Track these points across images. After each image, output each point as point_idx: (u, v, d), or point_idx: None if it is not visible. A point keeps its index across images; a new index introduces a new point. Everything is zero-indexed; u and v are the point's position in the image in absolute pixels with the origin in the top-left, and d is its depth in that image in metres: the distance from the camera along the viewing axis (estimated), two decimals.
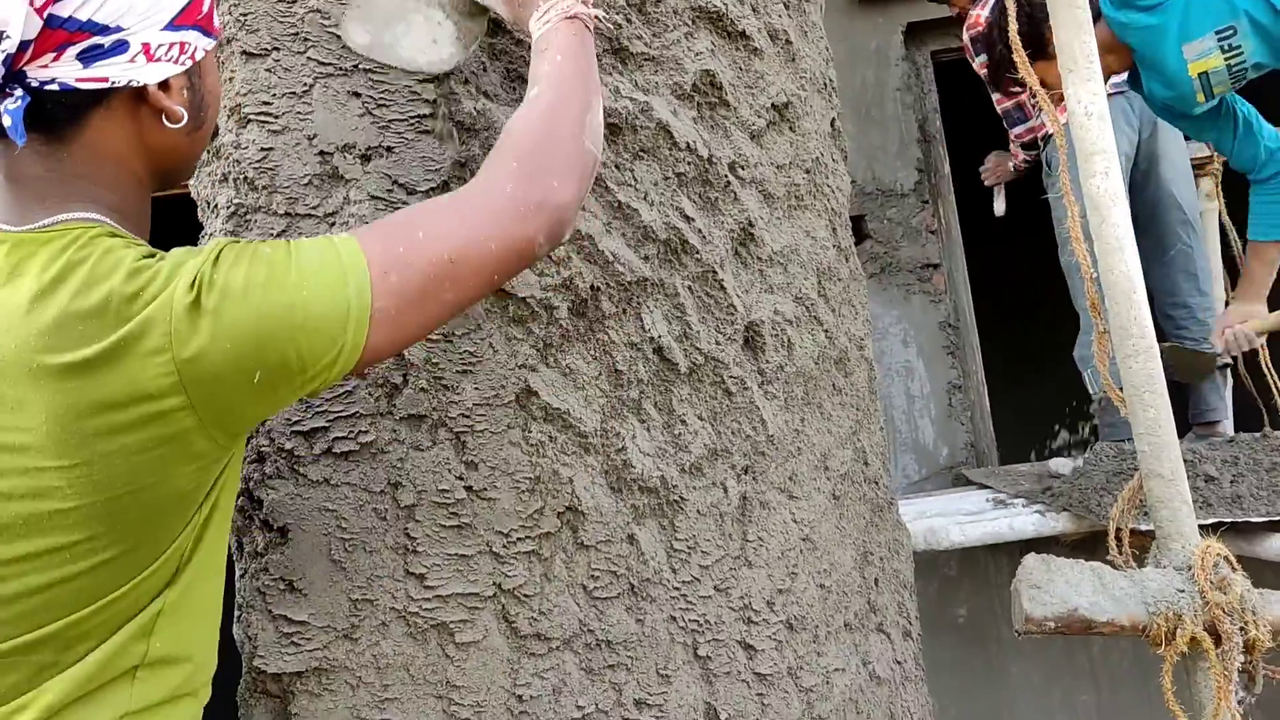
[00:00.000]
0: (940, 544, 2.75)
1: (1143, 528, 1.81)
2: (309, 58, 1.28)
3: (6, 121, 0.89)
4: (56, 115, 0.95)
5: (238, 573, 1.29)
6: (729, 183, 1.51)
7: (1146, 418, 1.50)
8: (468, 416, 1.28)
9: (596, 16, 1.26)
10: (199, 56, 1.02)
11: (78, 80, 0.93)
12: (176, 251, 0.94)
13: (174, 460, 0.90)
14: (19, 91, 0.91)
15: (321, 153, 1.27)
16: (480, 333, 1.29)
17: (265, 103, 1.28)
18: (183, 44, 0.99)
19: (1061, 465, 3.24)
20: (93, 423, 0.86)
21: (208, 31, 1.03)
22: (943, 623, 3.44)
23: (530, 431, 1.30)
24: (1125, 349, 1.49)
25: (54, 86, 0.93)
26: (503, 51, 1.35)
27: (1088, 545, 2.85)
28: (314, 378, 0.93)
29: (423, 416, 1.26)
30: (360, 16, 1.21)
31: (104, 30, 0.93)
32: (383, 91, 1.28)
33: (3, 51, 0.89)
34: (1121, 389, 1.51)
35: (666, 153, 1.45)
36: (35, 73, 0.92)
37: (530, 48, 1.20)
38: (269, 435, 1.25)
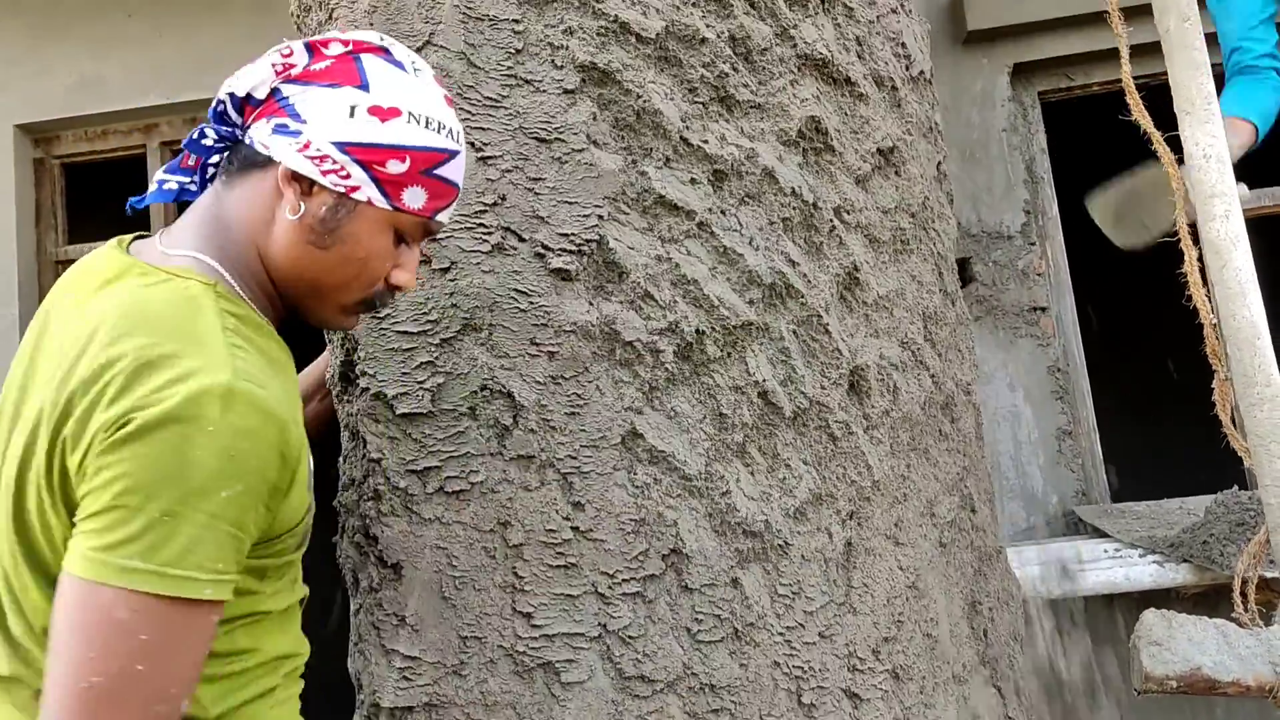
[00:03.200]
0: (1051, 593, 2.66)
1: (1269, 574, 1.73)
2: None
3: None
4: (232, 162, 1.11)
5: (352, 608, 1.33)
6: (834, 227, 1.51)
7: (1274, 468, 1.44)
8: (575, 458, 1.30)
9: None
10: (359, 198, 1.07)
11: (260, 142, 1.07)
12: (190, 368, 0.95)
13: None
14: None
15: None
16: (587, 375, 1.32)
17: None
18: (342, 168, 1.06)
19: None
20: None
21: (389, 194, 1.08)
22: (1054, 676, 3.33)
23: (635, 473, 1.31)
24: (1250, 397, 1.44)
25: (247, 140, 1.09)
26: (611, 101, 1.38)
27: (1209, 599, 2.73)
28: None
29: (531, 457, 1.29)
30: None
31: (295, 116, 1.06)
32: None
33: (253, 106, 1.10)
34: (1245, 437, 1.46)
35: (772, 198, 1.47)
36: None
37: None
38: (385, 474, 1.29)
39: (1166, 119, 1.66)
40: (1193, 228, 1.53)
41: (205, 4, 3.78)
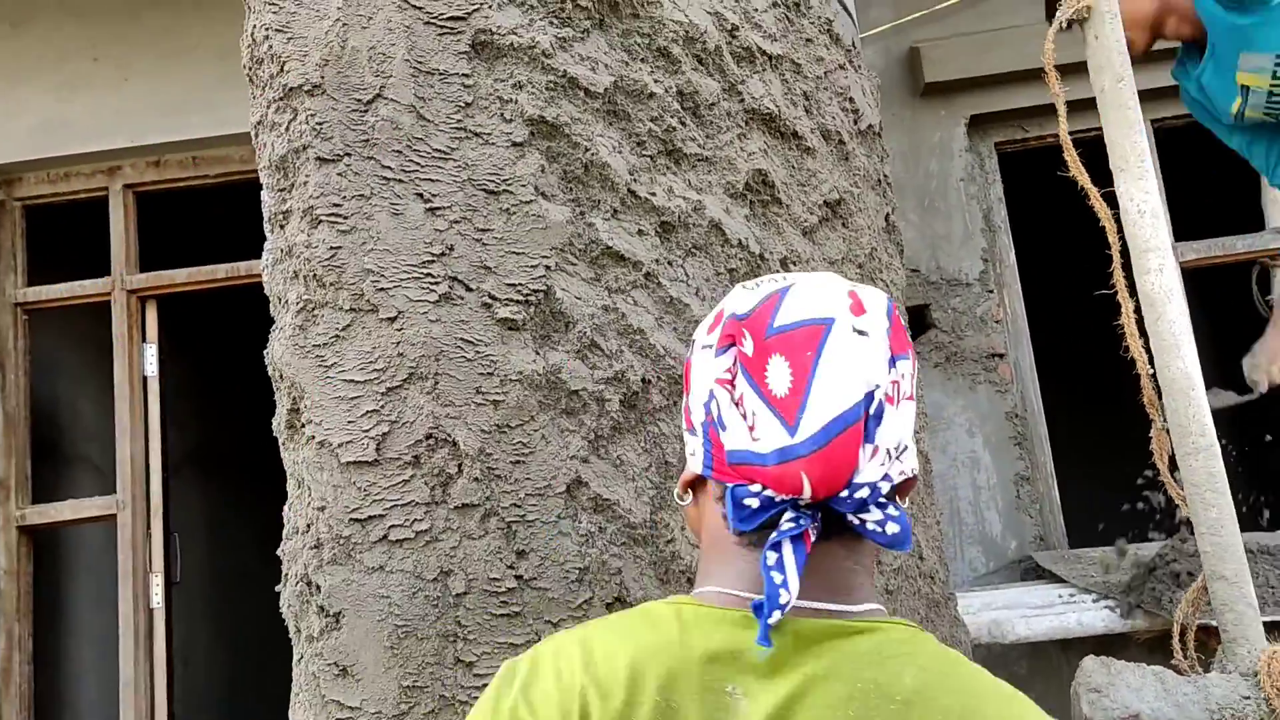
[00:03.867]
0: (1005, 637, 2.68)
1: (1208, 622, 1.76)
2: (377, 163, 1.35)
3: (893, 530, 0.81)
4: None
5: (294, 658, 1.33)
6: None
7: (1209, 517, 1.47)
8: (519, 506, 1.31)
9: None
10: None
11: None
12: None
13: None
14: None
15: (386, 251, 1.33)
16: (533, 424, 1.33)
17: (335, 205, 1.34)
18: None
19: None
20: None
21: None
22: None
23: (580, 522, 1.32)
24: (1185, 447, 1.47)
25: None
26: (559, 154, 1.41)
27: (1163, 644, 2.76)
28: None
29: (475, 505, 1.30)
30: None
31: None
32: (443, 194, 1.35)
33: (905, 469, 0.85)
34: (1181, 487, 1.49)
35: (719, 249, 1.49)
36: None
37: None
38: (328, 522, 1.29)
39: (1107, 174, 1.70)
40: (1129, 279, 1.57)
41: (173, 49, 3.80)
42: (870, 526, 0.80)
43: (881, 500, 0.81)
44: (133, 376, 3.71)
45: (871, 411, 0.80)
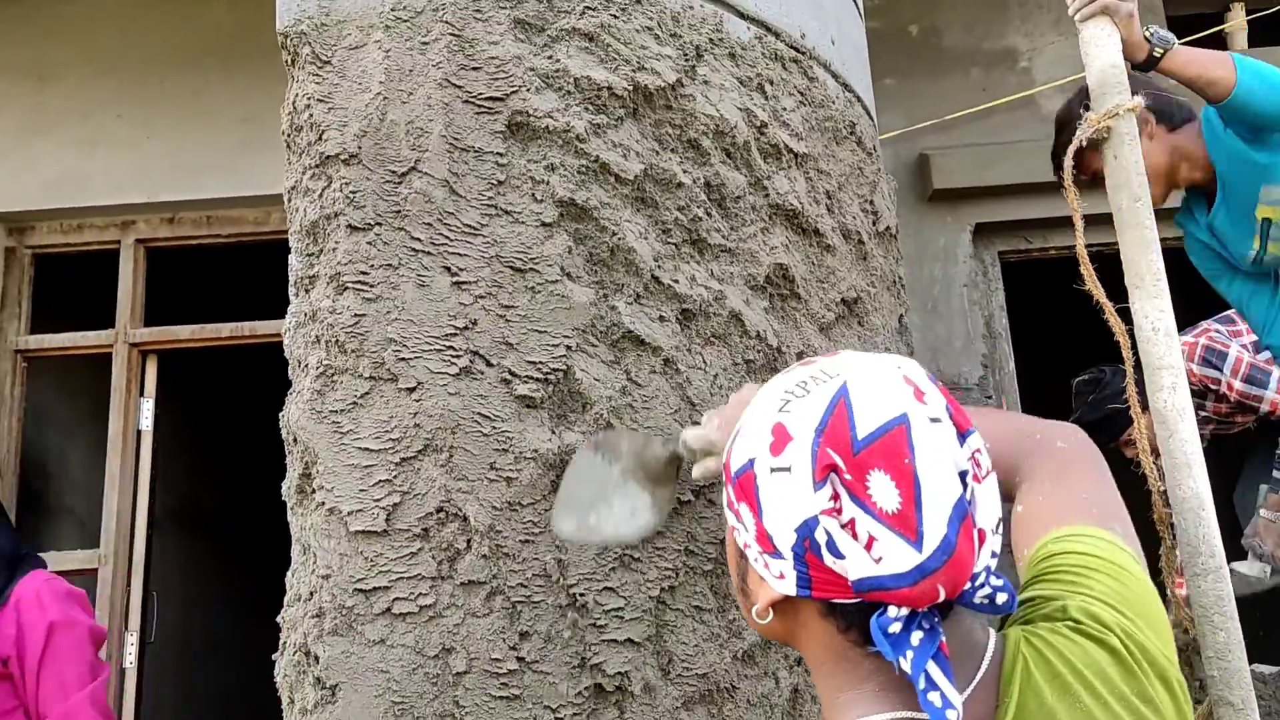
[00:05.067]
0: None
1: None
2: (407, 233, 1.36)
3: (1002, 599, 0.82)
4: None
5: None
6: None
7: (1216, 641, 1.45)
8: (525, 586, 1.29)
9: None
10: None
11: None
12: None
13: None
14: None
15: (410, 322, 1.34)
16: (545, 503, 1.32)
17: (363, 273, 1.35)
18: None
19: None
20: None
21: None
22: None
23: (585, 606, 1.30)
24: (1194, 568, 1.46)
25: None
26: (586, 236, 1.42)
27: None
28: None
29: (482, 583, 1.28)
30: (565, 509, 1.31)
31: None
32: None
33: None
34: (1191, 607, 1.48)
35: (737, 340, 1.50)
36: None
37: None
38: (332, 591, 1.27)
39: (1121, 289, 1.72)
40: (1143, 396, 1.58)
41: (195, 110, 3.86)
42: (979, 601, 0.81)
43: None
44: (127, 430, 3.69)
45: (969, 498, 0.81)
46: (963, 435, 0.83)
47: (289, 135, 1.46)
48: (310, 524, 1.32)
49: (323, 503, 1.30)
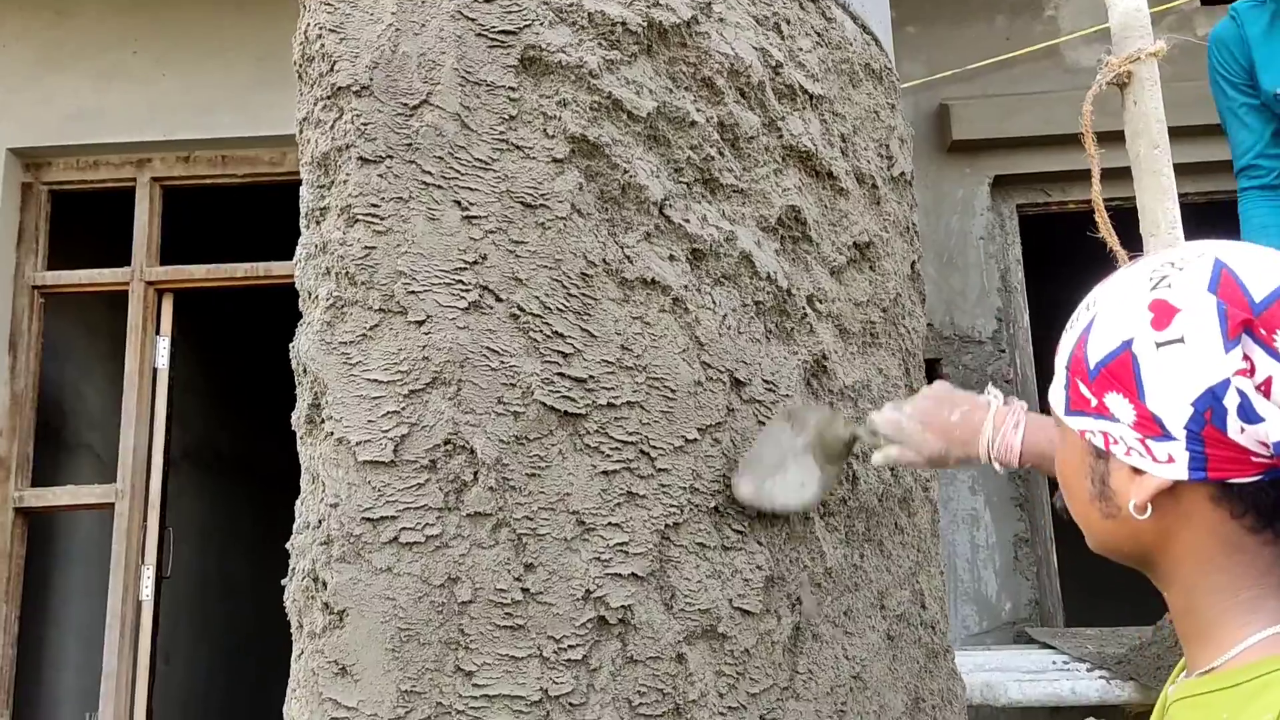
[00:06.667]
0: (998, 700, 2.66)
1: None
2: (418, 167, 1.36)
3: None
4: None
5: (294, 652, 1.32)
6: (805, 315, 1.55)
7: None
8: (531, 519, 1.30)
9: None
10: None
11: None
12: None
13: None
14: None
15: (420, 255, 1.34)
16: (552, 439, 1.33)
17: (373, 205, 1.35)
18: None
19: None
20: None
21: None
22: None
23: (590, 540, 1.32)
24: None
25: None
26: (598, 174, 1.42)
27: None
28: None
29: (488, 515, 1.29)
30: (749, 471, 1.38)
31: None
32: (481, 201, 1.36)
33: None
34: None
35: (747, 281, 1.50)
36: None
37: None
38: (340, 520, 1.29)
39: (1134, 241, 1.71)
40: None
41: (211, 49, 3.85)
42: None
43: None
44: (143, 367, 3.72)
45: None
46: None
47: (300, 65, 1.45)
48: (319, 453, 1.33)
49: (331, 432, 1.31)
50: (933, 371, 3.78)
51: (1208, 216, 3.76)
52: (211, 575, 5.94)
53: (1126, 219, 1.81)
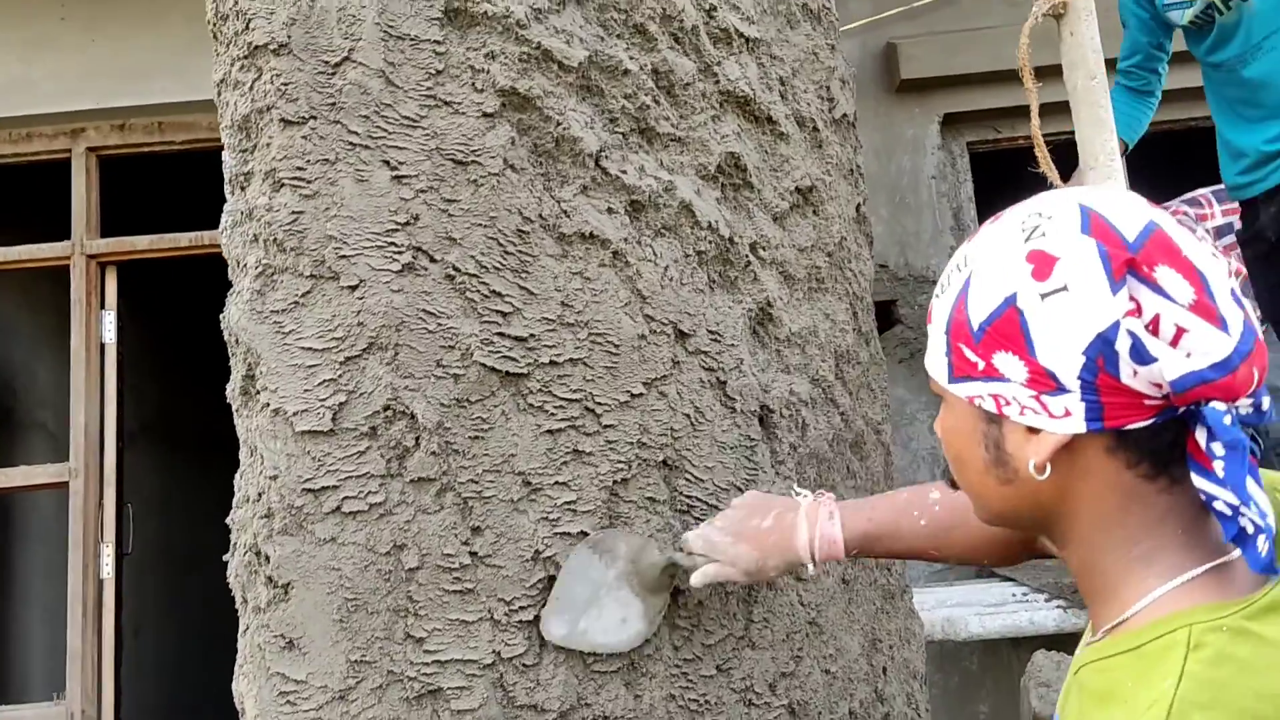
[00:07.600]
0: (959, 634, 2.70)
1: None
2: (343, 127, 1.32)
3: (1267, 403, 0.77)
4: None
5: (240, 628, 1.30)
6: (749, 263, 1.53)
7: None
8: (476, 482, 1.29)
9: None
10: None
11: None
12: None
13: None
14: None
15: (350, 218, 1.31)
16: (494, 400, 1.31)
17: (299, 169, 1.32)
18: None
19: None
20: None
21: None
22: (964, 718, 3.36)
23: (537, 500, 1.30)
24: None
25: None
26: (530, 127, 1.39)
27: None
28: None
29: (431, 480, 1.28)
30: (558, 610, 1.27)
31: None
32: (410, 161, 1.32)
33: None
34: None
35: (688, 231, 1.48)
36: None
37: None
38: (280, 491, 1.27)
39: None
40: None
41: (141, 12, 3.73)
42: (1244, 412, 0.76)
43: None
44: (90, 343, 3.65)
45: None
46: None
47: (215, 24, 1.40)
48: (256, 425, 1.31)
49: (267, 404, 1.29)
50: (888, 313, 3.78)
51: (1155, 144, 3.77)
52: (178, 549, 5.90)
53: (1065, 151, 1.81)
